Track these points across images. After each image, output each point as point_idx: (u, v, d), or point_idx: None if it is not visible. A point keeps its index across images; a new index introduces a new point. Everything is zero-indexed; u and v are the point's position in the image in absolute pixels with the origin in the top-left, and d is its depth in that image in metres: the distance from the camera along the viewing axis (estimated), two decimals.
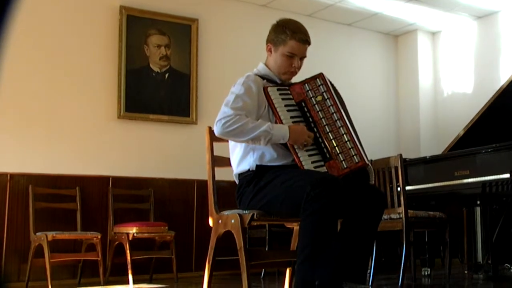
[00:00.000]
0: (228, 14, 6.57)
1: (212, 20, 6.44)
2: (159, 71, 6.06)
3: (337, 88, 3.10)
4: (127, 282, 5.12)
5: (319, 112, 2.91)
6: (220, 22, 6.50)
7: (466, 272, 5.49)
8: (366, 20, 7.27)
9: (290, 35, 2.91)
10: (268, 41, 3.01)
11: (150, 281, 5.43)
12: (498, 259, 4.81)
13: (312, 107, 2.91)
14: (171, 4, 6.19)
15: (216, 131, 2.79)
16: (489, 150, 4.67)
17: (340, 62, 7.30)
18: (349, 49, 7.44)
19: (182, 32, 6.22)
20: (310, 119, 2.89)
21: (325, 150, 2.84)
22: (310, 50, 3.01)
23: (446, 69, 7.55)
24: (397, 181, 4.53)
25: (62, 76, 5.59)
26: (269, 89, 2.90)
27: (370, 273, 4.47)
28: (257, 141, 2.78)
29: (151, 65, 6.03)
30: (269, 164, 2.86)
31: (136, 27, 5.96)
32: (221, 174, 3.30)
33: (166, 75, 6.10)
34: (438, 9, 6.94)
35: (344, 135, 2.87)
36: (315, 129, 2.88)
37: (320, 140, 2.86)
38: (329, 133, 2.87)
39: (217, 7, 6.50)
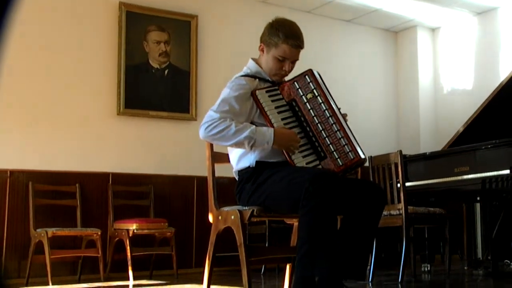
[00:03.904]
0: (227, 11, 6.57)
1: (212, 16, 6.43)
2: (158, 67, 6.06)
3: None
4: (127, 279, 5.12)
5: (311, 111, 2.87)
6: (219, 19, 6.49)
7: (466, 268, 5.50)
8: (365, 17, 7.26)
9: (282, 39, 2.87)
10: (261, 40, 2.99)
11: (150, 278, 5.43)
12: (498, 255, 4.81)
13: (304, 106, 2.88)
14: (171, 0, 6.18)
15: (200, 134, 2.80)
16: (489, 146, 4.67)
17: (340, 59, 7.29)
18: (349, 45, 7.43)
19: (181, 29, 6.21)
20: (302, 119, 2.86)
21: (319, 149, 2.82)
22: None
23: (445, 65, 7.55)
24: (397, 177, 4.53)
25: (62, 73, 5.59)
26: (257, 92, 2.86)
27: (370, 269, 4.47)
28: (241, 146, 2.78)
29: (150, 62, 6.03)
30: (269, 160, 2.86)
31: (135, 23, 5.96)
32: (221, 170, 3.30)
33: (166, 72, 6.09)
34: (437, 5, 6.93)
35: (337, 132, 2.84)
36: (307, 128, 2.85)
37: (313, 139, 2.84)
38: (322, 131, 2.84)
39: (217, 3, 6.50)
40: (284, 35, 2.88)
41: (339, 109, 2.95)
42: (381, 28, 7.68)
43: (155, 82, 6.02)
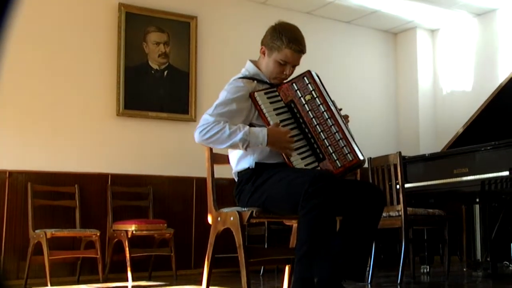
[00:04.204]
0: (227, 12, 6.57)
1: (211, 17, 6.43)
2: (158, 68, 6.06)
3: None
4: (126, 280, 5.12)
5: (309, 112, 2.87)
6: (219, 20, 6.49)
7: (465, 269, 5.50)
8: (365, 18, 7.26)
9: (286, 43, 2.88)
10: (263, 43, 2.99)
11: (149, 279, 5.43)
12: (497, 257, 4.82)
13: (302, 107, 2.88)
14: (170, 1, 6.18)
15: (195, 138, 2.83)
16: (488, 147, 4.67)
17: (339, 60, 7.29)
18: (348, 46, 7.43)
19: (181, 30, 6.21)
20: (301, 120, 2.86)
21: (318, 151, 2.82)
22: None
23: (445, 67, 7.55)
24: (396, 178, 4.53)
25: (61, 74, 5.58)
26: (256, 94, 2.86)
27: (369, 270, 4.47)
28: (236, 147, 2.80)
29: (150, 63, 6.02)
30: (268, 161, 2.86)
31: (135, 24, 5.96)
32: (220, 171, 3.30)
33: (165, 73, 6.09)
34: (437, 7, 6.93)
35: (336, 134, 2.84)
36: (306, 130, 2.85)
37: (312, 140, 2.84)
38: (321, 133, 2.84)
39: (216, 4, 6.50)
40: (288, 39, 2.88)
41: (339, 110, 2.95)
42: (381, 30, 7.68)
43: (155, 83, 6.02)
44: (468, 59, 7.27)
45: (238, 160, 2.94)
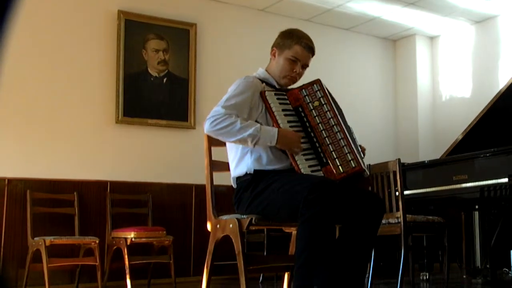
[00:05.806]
0: (226, 19, 6.58)
1: (211, 24, 6.44)
2: (157, 75, 6.06)
3: (335, 92, 3.12)
4: (125, 287, 5.10)
5: (316, 117, 2.91)
6: (218, 27, 6.50)
7: (464, 276, 5.48)
8: (364, 25, 7.28)
9: (296, 40, 3.00)
10: (273, 45, 3.08)
11: (148, 286, 5.42)
12: (496, 264, 4.81)
13: (309, 112, 2.92)
14: (169, 8, 6.19)
15: (205, 128, 2.83)
16: (488, 154, 4.67)
17: (339, 67, 7.30)
18: (348, 53, 7.44)
19: (180, 37, 6.22)
20: (307, 124, 2.90)
21: (322, 155, 2.84)
22: None
23: (444, 74, 7.56)
24: (396, 185, 4.52)
25: (60, 81, 5.59)
26: (266, 93, 2.92)
27: (368, 278, 4.46)
28: (244, 143, 2.79)
29: (149, 70, 6.03)
30: (266, 167, 2.86)
31: (134, 31, 5.96)
32: (219, 178, 3.30)
33: (164, 80, 6.09)
34: (436, 14, 6.95)
35: (341, 140, 2.87)
36: (312, 134, 2.88)
37: (317, 145, 2.86)
38: (326, 138, 2.87)
39: (216, 11, 6.51)
40: (298, 37, 3.02)
41: (344, 119, 2.99)
42: (380, 37, 7.69)
43: (154, 90, 6.02)
44: (467, 66, 7.28)
45: (236, 164, 2.94)
